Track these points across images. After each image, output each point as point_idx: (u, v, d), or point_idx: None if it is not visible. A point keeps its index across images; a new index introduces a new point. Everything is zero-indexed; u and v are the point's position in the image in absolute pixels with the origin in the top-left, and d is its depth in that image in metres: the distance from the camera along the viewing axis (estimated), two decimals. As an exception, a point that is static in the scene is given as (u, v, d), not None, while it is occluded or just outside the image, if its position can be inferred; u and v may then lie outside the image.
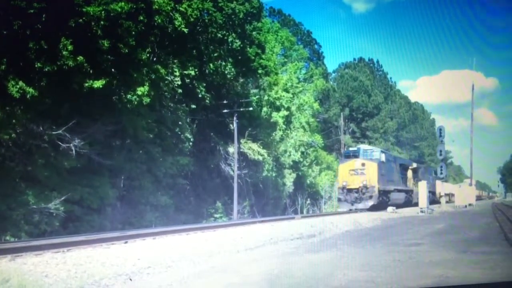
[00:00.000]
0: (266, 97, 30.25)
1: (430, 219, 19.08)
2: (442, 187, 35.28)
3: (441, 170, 29.01)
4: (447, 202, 35.46)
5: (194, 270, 6.51)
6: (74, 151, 14.68)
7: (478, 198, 44.50)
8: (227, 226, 12.79)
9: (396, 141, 64.29)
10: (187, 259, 7.20)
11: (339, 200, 25.44)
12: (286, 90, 35.78)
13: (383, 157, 26.12)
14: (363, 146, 27.82)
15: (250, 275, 6.15)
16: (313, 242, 10.29)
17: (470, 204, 32.19)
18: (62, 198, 14.59)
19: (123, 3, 13.50)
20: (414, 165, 33.56)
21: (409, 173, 31.86)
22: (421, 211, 23.37)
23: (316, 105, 40.84)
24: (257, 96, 28.35)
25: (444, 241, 10.32)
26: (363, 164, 24.65)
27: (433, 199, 34.71)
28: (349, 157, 25.75)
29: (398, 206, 26.29)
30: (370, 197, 24.05)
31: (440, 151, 28.99)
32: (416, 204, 27.19)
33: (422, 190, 24.59)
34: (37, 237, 9.12)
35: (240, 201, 25.08)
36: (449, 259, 7.47)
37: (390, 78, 72.17)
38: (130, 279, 5.83)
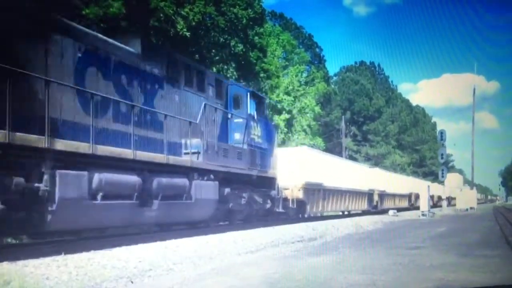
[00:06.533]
0: (267, 100, 30.26)
1: (431, 223, 19.08)
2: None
3: (442, 173, 29.00)
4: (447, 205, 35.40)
5: (195, 273, 6.52)
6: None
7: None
8: (228, 229, 12.76)
9: (398, 144, 64.31)
10: (188, 261, 7.21)
11: None
12: (288, 93, 35.87)
13: None
14: None
15: (251, 278, 6.16)
16: (314, 245, 10.29)
17: (471, 208, 32.17)
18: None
19: (119, 3, 13.48)
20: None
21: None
22: (423, 215, 23.36)
23: (317, 108, 40.85)
24: (258, 99, 28.37)
25: (445, 245, 10.31)
26: None
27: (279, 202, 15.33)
28: None
29: None
30: None
31: (442, 154, 29.05)
32: None
33: (423, 192, 24.58)
34: (38, 239, 9.15)
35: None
36: (450, 262, 7.47)
37: (391, 81, 72.35)
38: (132, 282, 5.84)
